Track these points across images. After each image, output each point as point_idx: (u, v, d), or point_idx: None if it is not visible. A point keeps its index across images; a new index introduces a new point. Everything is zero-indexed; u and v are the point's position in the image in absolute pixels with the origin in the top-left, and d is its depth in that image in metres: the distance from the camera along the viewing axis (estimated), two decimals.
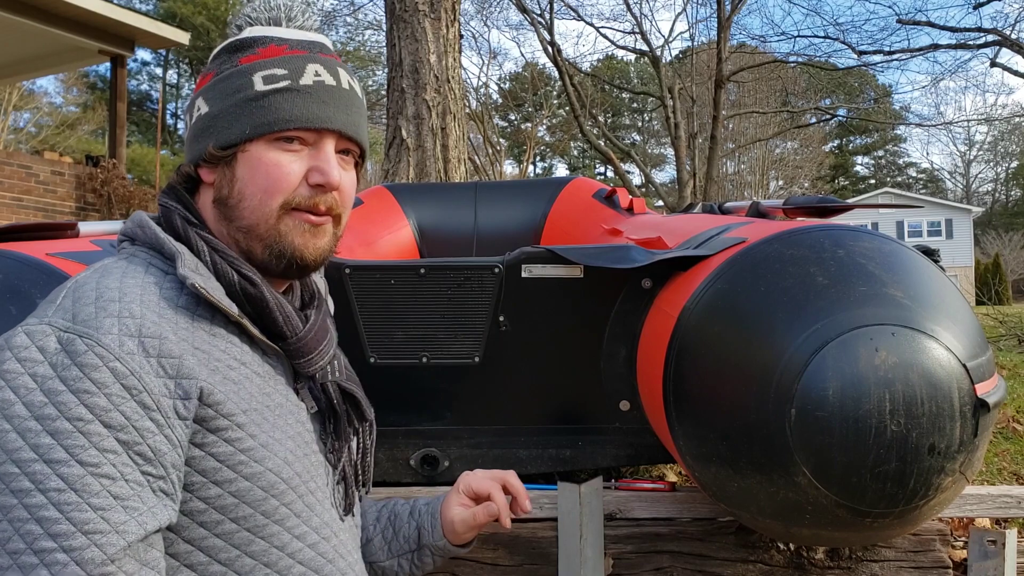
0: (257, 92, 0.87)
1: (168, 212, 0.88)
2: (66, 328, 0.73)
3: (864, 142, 44.68)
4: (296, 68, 0.88)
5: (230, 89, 0.88)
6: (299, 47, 0.90)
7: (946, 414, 0.96)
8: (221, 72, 0.90)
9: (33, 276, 1.15)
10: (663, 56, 19.29)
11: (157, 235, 0.85)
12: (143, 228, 0.87)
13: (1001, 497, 1.55)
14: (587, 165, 40.50)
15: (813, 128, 29.05)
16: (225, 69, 0.90)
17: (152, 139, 23.93)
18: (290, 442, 0.87)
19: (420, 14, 4.16)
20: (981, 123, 37.29)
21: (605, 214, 2.54)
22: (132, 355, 0.74)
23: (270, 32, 0.91)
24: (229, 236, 0.89)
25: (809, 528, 1.06)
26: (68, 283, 0.80)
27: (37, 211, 7.75)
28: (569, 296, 1.48)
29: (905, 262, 1.09)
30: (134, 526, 0.70)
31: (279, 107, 0.87)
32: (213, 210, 0.89)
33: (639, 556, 1.50)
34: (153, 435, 0.73)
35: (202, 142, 0.88)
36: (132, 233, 0.88)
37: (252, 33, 0.91)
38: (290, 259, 0.88)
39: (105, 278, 0.79)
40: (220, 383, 0.80)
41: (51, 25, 7.80)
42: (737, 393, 1.04)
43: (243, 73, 0.88)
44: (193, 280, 0.80)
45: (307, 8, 0.94)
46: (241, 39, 0.91)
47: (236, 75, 0.88)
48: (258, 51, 0.90)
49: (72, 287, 0.78)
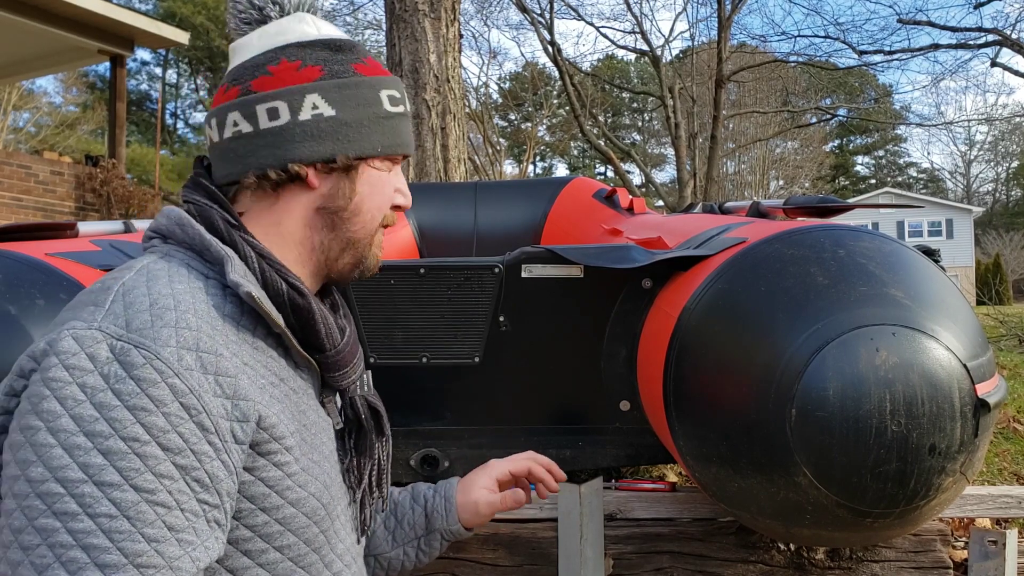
0: (387, 112, 0.87)
1: (207, 212, 0.82)
2: (119, 336, 0.67)
3: (864, 142, 44.68)
4: (402, 93, 0.90)
5: (360, 100, 0.85)
6: (383, 66, 0.91)
7: (947, 414, 0.96)
8: (336, 75, 0.85)
9: (33, 276, 1.15)
10: (663, 56, 19.29)
11: (203, 236, 0.79)
12: (182, 226, 0.80)
13: (1001, 497, 1.55)
14: (587, 165, 40.51)
15: (813, 128, 29.06)
16: (341, 73, 0.85)
17: (151, 139, 23.93)
18: (326, 463, 0.83)
19: (420, 14, 4.16)
20: (981, 123, 37.30)
21: (605, 214, 2.54)
22: (191, 371, 0.68)
23: (350, 38, 0.89)
24: (322, 244, 0.86)
25: (809, 528, 1.06)
26: (111, 284, 0.73)
27: (36, 211, 7.75)
28: (569, 296, 1.48)
29: (905, 262, 1.09)
30: (188, 563, 0.65)
31: (401, 131, 0.88)
32: (314, 216, 0.85)
33: (639, 556, 1.50)
34: (211, 460, 0.68)
35: (326, 145, 0.83)
36: (167, 230, 0.81)
37: (334, 34, 0.88)
38: (364, 271, 0.90)
39: (155, 282, 0.73)
40: (269, 403, 0.76)
41: (51, 25, 7.80)
42: (737, 393, 1.04)
43: (370, 86, 0.87)
44: (248, 289, 0.75)
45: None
46: (338, 40, 0.87)
47: (363, 85, 0.86)
48: (366, 62, 0.88)
49: (119, 290, 0.72)
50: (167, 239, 0.81)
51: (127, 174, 9.02)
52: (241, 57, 0.86)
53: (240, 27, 0.87)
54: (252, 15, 0.87)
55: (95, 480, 0.62)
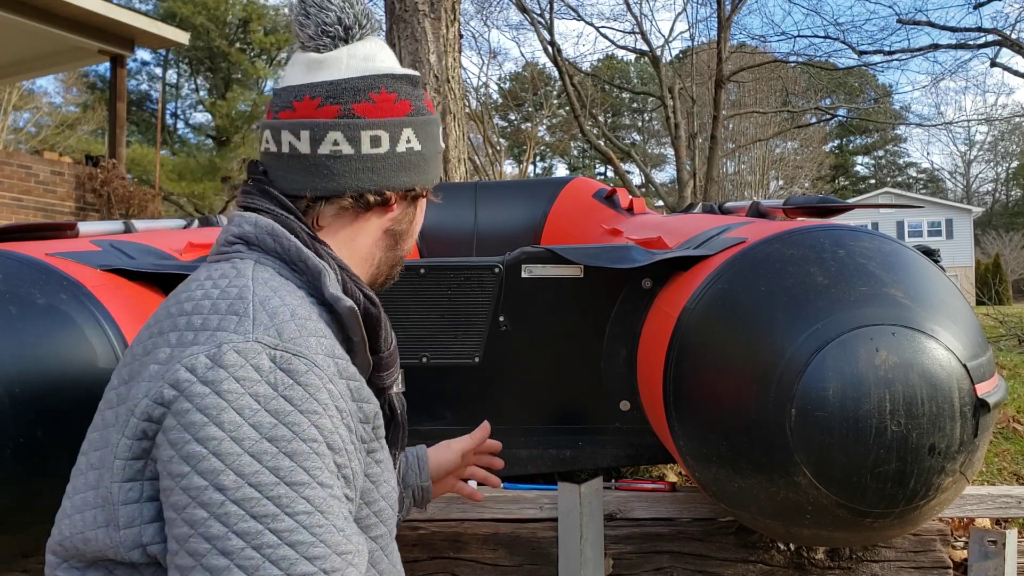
0: (441, 147, 0.98)
1: (289, 223, 0.85)
2: (275, 346, 0.71)
3: (864, 142, 44.66)
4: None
5: (432, 136, 0.95)
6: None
7: (946, 414, 0.96)
8: (420, 111, 0.93)
9: (33, 276, 1.15)
10: (663, 56, 19.29)
11: (299, 248, 0.83)
12: (275, 237, 0.83)
13: (1001, 497, 1.55)
14: (587, 165, 40.49)
15: (813, 128, 29.04)
16: (423, 110, 0.93)
17: (152, 139, 23.91)
18: (388, 461, 0.87)
19: (420, 14, 4.16)
20: (981, 123, 37.29)
21: (605, 214, 2.54)
22: (335, 377, 0.74)
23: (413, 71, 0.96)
24: (381, 260, 0.95)
25: (809, 528, 1.06)
26: (239, 292, 0.76)
27: (37, 211, 7.75)
28: (569, 296, 1.48)
29: (905, 262, 1.09)
30: (363, 546, 0.72)
31: (441, 164, 0.99)
32: (382, 236, 0.93)
33: (639, 556, 1.50)
34: (352, 459, 0.74)
35: (413, 176, 0.92)
36: (255, 238, 0.84)
37: (398, 67, 0.93)
38: (388, 282, 0.99)
39: (283, 293, 0.78)
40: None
41: (51, 25, 7.80)
42: (737, 393, 1.04)
43: (436, 123, 0.96)
44: (351, 304, 0.81)
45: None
46: (414, 76, 0.94)
47: (432, 123, 0.95)
48: (427, 97, 0.96)
49: (254, 300, 0.75)
50: (251, 246, 0.84)
51: (127, 174, 9.02)
52: (330, 74, 0.89)
53: (321, 39, 0.89)
54: (337, 31, 0.90)
55: (287, 481, 0.67)
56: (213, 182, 21.98)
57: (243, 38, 24.54)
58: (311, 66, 0.90)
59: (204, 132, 26.75)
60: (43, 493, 1.05)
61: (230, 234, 0.85)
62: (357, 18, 0.90)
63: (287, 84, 0.91)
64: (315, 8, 0.89)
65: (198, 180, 21.39)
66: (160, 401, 0.69)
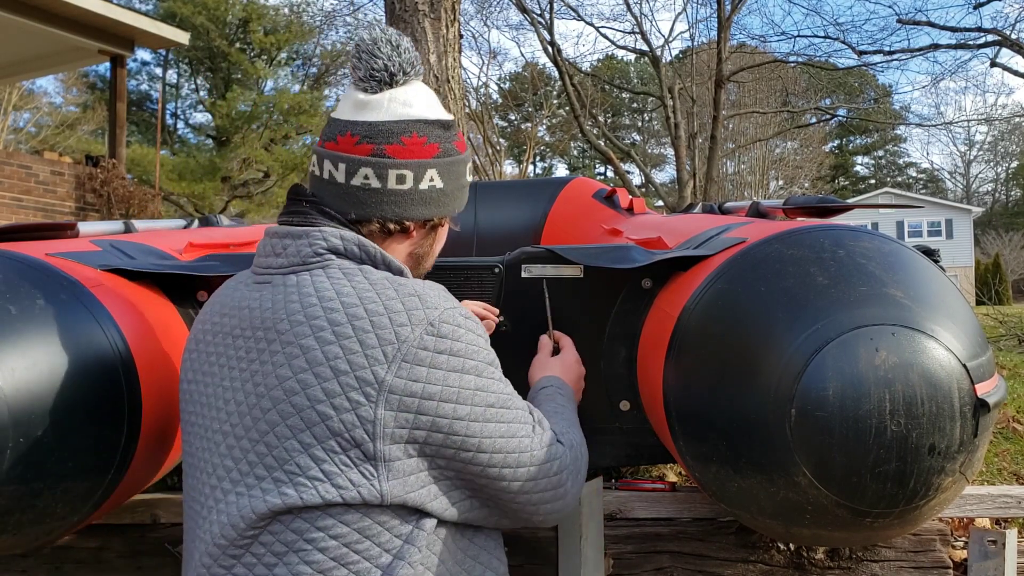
0: (467, 182, 1.14)
1: (369, 244, 1.03)
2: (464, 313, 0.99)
3: (864, 142, 44.66)
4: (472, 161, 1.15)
5: (456, 174, 1.10)
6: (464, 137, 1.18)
7: (946, 414, 0.96)
8: (447, 153, 1.09)
9: (33, 276, 1.15)
10: (663, 56, 19.29)
11: (385, 255, 1.02)
12: (362, 247, 1.01)
13: (1001, 497, 1.55)
14: (587, 165, 40.49)
15: (813, 128, 29.05)
16: (450, 152, 1.09)
17: (152, 139, 23.89)
18: None
19: (420, 14, 4.16)
20: (981, 123, 37.31)
21: (605, 214, 2.54)
22: None
23: (450, 115, 1.11)
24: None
25: (809, 528, 1.06)
26: (400, 288, 0.97)
27: (37, 211, 7.75)
28: (569, 296, 1.48)
29: (905, 262, 1.09)
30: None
31: (467, 195, 1.15)
32: (407, 258, 1.11)
33: (639, 556, 1.50)
34: None
35: (432, 210, 1.08)
36: (345, 249, 1.01)
37: (442, 111, 1.09)
38: None
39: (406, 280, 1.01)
40: None
41: (51, 25, 7.80)
42: (737, 393, 1.04)
43: (463, 162, 1.12)
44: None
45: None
46: (447, 120, 1.09)
47: (460, 163, 1.11)
48: (459, 137, 1.12)
49: (417, 291, 0.97)
50: (339, 256, 1.01)
51: (127, 174, 9.02)
52: (372, 115, 1.05)
53: (369, 81, 1.05)
54: (383, 76, 1.05)
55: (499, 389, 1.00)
56: (213, 182, 21.98)
57: (243, 38, 24.53)
58: (357, 105, 1.06)
59: (204, 132, 26.76)
60: (42, 493, 1.05)
61: (318, 247, 1.00)
62: (402, 66, 1.06)
63: (337, 117, 1.07)
64: (367, 55, 1.05)
65: (198, 180, 21.38)
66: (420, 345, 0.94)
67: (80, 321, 1.13)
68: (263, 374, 0.94)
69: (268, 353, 0.94)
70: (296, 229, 1.02)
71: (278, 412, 0.92)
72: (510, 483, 0.99)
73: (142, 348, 1.20)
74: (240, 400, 0.95)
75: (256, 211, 23.34)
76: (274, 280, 1.01)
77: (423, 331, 0.94)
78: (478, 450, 0.96)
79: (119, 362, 1.14)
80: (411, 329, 0.93)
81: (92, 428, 1.09)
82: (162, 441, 1.26)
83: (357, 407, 0.90)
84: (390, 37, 1.06)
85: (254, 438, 0.93)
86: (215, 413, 0.98)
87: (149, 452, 1.21)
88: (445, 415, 0.94)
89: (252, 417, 0.93)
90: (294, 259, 1.00)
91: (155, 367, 1.23)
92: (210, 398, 1.00)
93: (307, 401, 0.91)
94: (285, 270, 1.00)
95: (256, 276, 1.04)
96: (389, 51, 1.05)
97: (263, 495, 0.91)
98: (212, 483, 0.97)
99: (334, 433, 0.90)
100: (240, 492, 0.93)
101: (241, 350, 0.97)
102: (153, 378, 1.21)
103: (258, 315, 0.98)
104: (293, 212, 1.05)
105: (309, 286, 0.97)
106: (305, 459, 0.90)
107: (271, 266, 1.02)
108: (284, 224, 1.05)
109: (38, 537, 1.12)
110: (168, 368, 1.27)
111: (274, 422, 0.92)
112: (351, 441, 0.90)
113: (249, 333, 0.97)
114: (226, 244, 1.94)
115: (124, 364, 1.15)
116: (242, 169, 23.69)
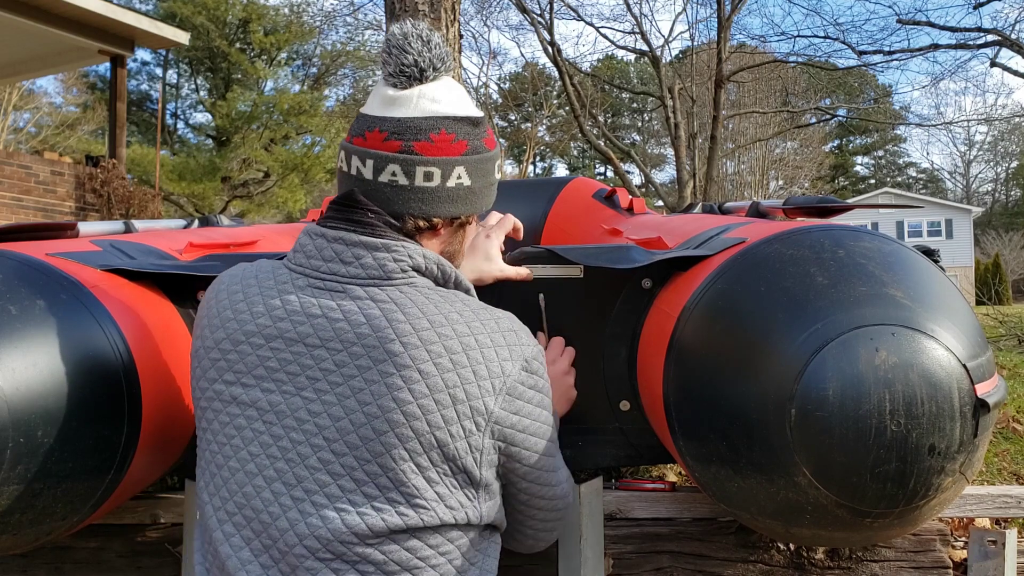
0: (494, 180, 1.13)
1: (446, 264, 1.06)
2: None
3: (864, 142, 44.66)
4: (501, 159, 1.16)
5: (485, 171, 1.09)
6: (494, 134, 1.13)
7: (946, 414, 0.96)
8: (476, 150, 1.08)
9: (33, 276, 1.15)
10: (663, 56, 19.28)
11: (458, 274, 1.07)
12: (440, 266, 1.05)
13: (1001, 497, 1.55)
14: (587, 165, 40.50)
15: (813, 128, 29.06)
16: (479, 149, 1.08)
17: (152, 139, 23.88)
18: None
19: (420, 14, 4.16)
20: (981, 123, 37.31)
21: (605, 214, 2.54)
22: None
23: (480, 112, 1.10)
24: None
25: (809, 528, 1.06)
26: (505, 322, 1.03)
27: (37, 211, 7.75)
28: (569, 296, 1.48)
29: (905, 262, 1.09)
30: None
31: (495, 193, 1.14)
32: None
33: (639, 556, 1.50)
34: None
35: (460, 207, 1.07)
36: (426, 268, 1.03)
37: (472, 108, 1.08)
38: None
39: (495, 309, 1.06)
40: None
41: (51, 25, 7.80)
42: (737, 393, 1.04)
43: (492, 160, 1.11)
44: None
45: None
46: (476, 117, 1.08)
47: (488, 160, 1.10)
48: (489, 134, 1.11)
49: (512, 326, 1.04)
50: (420, 274, 1.03)
51: (127, 174, 9.02)
52: (401, 111, 1.04)
53: (399, 77, 1.04)
54: (413, 72, 1.04)
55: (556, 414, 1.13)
56: (213, 182, 21.97)
57: (243, 38, 24.52)
58: (386, 101, 1.04)
59: (204, 132, 26.75)
60: (42, 493, 1.05)
61: (404, 263, 1.01)
62: (432, 62, 1.04)
63: (366, 112, 1.06)
64: (397, 50, 1.04)
65: (198, 180, 21.37)
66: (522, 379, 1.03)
67: (80, 321, 1.13)
68: (374, 394, 0.94)
69: (378, 373, 0.94)
70: (372, 240, 1.01)
71: (396, 435, 0.93)
72: (537, 508, 1.11)
73: (142, 348, 1.20)
74: (339, 415, 0.94)
75: (256, 211, 23.34)
76: (351, 291, 0.99)
77: (520, 367, 1.00)
78: (534, 480, 1.07)
79: (119, 362, 1.14)
80: (512, 364, 1.00)
81: (92, 428, 1.09)
82: (162, 441, 1.26)
83: (469, 435, 0.96)
84: (421, 32, 1.05)
85: (364, 457, 0.93)
86: (290, 422, 0.96)
87: (149, 452, 1.21)
88: (528, 447, 1.03)
89: (360, 436, 0.94)
90: (374, 271, 0.99)
91: (155, 367, 1.23)
92: (276, 405, 0.97)
93: (427, 427, 0.94)
94: (364, 282, 0.99)
95: (312, 280, 1.01)
96: (419, 46, 1.04)
97: (378, 514, 0.93)
98: (277, 489, 0.95)
99: (448, 458, 0.95)
100: (343, 508, 0.93)
101: (327, 362, 0.96)
102: (153, 378, 1.21)
103: (347, 328, 0.96)
104: (355, 221, 1.02)
105: (412, 307, 0.97)
106: (420, 481, 0.94)
107: (339, 274, 1.00)
108: (344, 230, 1.02)
109: (38, 537, 1.12)
110: (168, 368, 1.27)
111: (391, 444, 0.93)
112: (461, 467, 0.96)
113: (339, 346, 0.96)
114: (226, 244, 1.94)
115: (124, 364, 1.15)
116: (242, 169, 23.69)
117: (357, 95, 27.19)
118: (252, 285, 1.04)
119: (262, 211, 23.53)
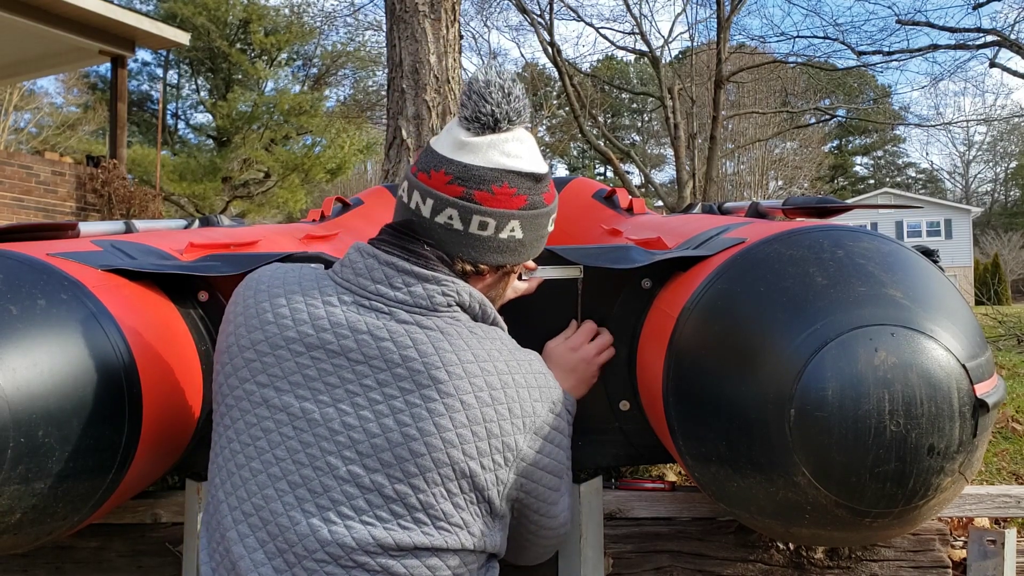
0: (545, 233, 1.16)
1: (488, 304, 1.10)
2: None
3: (863, 142, 44.66)
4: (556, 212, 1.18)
5: (537, 226, 1.13)
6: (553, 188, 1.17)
7: (945, 414, 0.96)
8: (533, 205, 1.11)
9: (34, 276, 1.15)
10: (663, 56, 19.29)
11: (497, 316, 1.12)
12: (483, 305, 1.09)
13: (1000, 497, 1.55)
14: (587, 165, 40.50)
15: (812, 128, 29.06)
16: (537, 204, 1.11)
17: (152, 139, 23.87)
18: None
19: (420, 15, 4.17)
20: (980, 123, 37.30)
21: (605, 214, 2.54)
22: None
23: (545, 166, 1.13)
24: None
25: (808, 528, 1.06)
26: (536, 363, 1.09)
27: (37, 211, 7.75)
28: (568, 296, 1.48)
29: (904, 262, 1.09)
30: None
31: (544, 243, 1.18)
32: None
33: (639, 556, 1.50)
34: None
35: (508, 258, 1.11)
36: (469, 306, 1.07)
37: (537, 163, 1.11)
38: None
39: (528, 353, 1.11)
40: None
41: (51, 25, 7.81)
42: (737, 393, 1.05)
43: (548, 215, 1.15)
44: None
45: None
46: (539, 173, 1.11)
47: (544, 216, 1.13)
48: (550, 189, 1.14)
49: (544, 369, 1.10)
50: (464, 310, 1.07)
51: (128, 175, 9.03)
52: (469, 157, 1.07)
53: (473, 124, 1.07)
54: (488, 121, 1.06)
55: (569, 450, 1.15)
56: (214, 182, 21.96)
57: (244, 39, 24.50)
58: (457, 144, 1.07)
59: (205, 133, 26.73)
60: (42, 493, 1.05)
61: (451, 299, 1.05)
62: (508, 114, 1.07)
63: (435, 150, 1.09)
64: (477, 96, 1.06)
65: (199, 180, 21.35)
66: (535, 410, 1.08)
67: (81, 321, 1.13)
68: (414, 416, 0.97)
69: (420, 397, 0.97)
70: (422, 271, 1.05)
71: (432, 459, 0.96)
72: (542, 537, 1.16)
73: (143, 348, 1.20)
74: (375, 432, 0.97)
75: (256, 211, 23.33)
76: (396, 314, 1.02)
77: (548, 408, 1.06)
78: (544, 514, 1.11)
79: (120, 362, 1.14)
80: (541, 405, 1.05)
81: (93, 428, 1.09)
82: (163, 441, 1.26)
83: (497, 468, 1.00)
84: (504, 83, 1.08)
85: (396, 476, 0.96)
86: (322, 431, 0.98)
87: (150, 452, 1.22)
88: (544, 484, 1.07)
89: (395, 455, 0.96)
90: (421, 301, 1.03)
91: (156, 367, 1.23)
92: (309, 412, 0.98)
93: (462, 455, 0.97)
94: (411, 309, 1.03)
95: (358, 297, 1.03)
96: (499, 97, 1.07)
97: (405, 532, 0.96)
98: (301, 495, 0.97)
99: (476, 488, 0.99)
100: (369, 521, 0.96)
101: (369, 379, 0.99)
102: (154, 378, 1.21)
103: (392, 348, 0.99)
104: (410, 251, 1.07)
105: (457, 338, 1.02)
106: (448, 506, 0.97)
107: (386, 296, 1.03)
108: (397, 256, 1.06)
109: (39, 537, 1.12)
110: (169, 368, 1.27)
111: (426, 467, 0.96)
112: (485, 497, 1.00)
113: (383, 365, 0.99)
114: (227, 244, 1.94)
115: (125, 364, 1.15)
116: (243, 169, 23.68)
117: (357, 95, 27.19)
118: (295, 291, 1.05)
119: (262, 211, 23.52)
